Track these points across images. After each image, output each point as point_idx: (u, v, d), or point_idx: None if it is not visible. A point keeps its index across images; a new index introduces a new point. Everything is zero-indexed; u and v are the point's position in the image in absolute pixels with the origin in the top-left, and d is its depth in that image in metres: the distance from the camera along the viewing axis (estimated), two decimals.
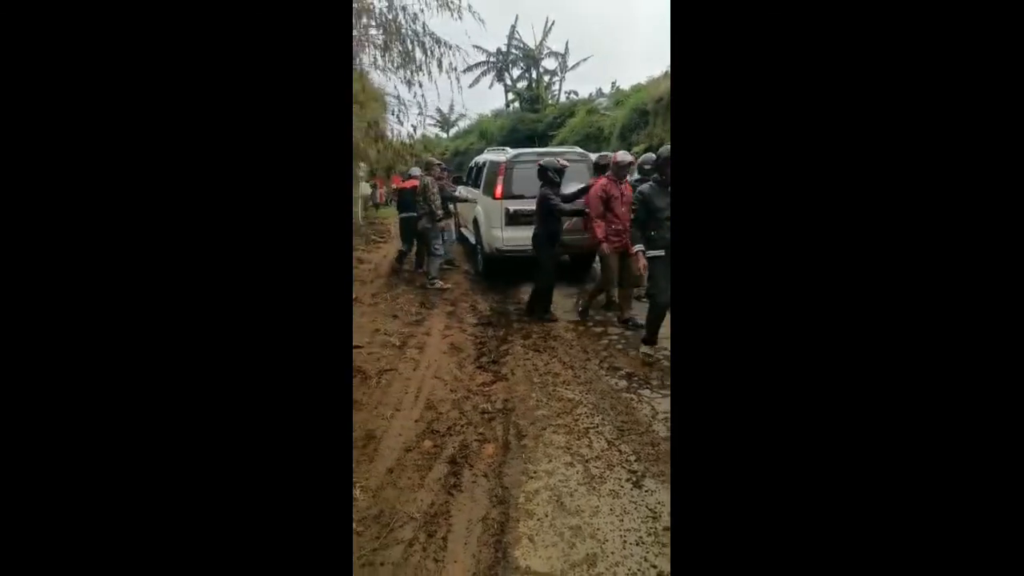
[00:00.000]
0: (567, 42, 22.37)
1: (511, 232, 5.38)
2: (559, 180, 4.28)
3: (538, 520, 1.93)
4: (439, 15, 5.40)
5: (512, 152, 5.78)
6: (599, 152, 5.87)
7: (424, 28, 5.33)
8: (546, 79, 21.87)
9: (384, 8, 5.23)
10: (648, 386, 3.03)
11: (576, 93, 21.27)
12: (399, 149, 7.02)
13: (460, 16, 5.15)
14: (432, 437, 2.56)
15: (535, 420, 2.68)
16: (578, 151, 6.10)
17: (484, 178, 5.98)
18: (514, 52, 21.79)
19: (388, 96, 7.05)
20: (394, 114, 6.67)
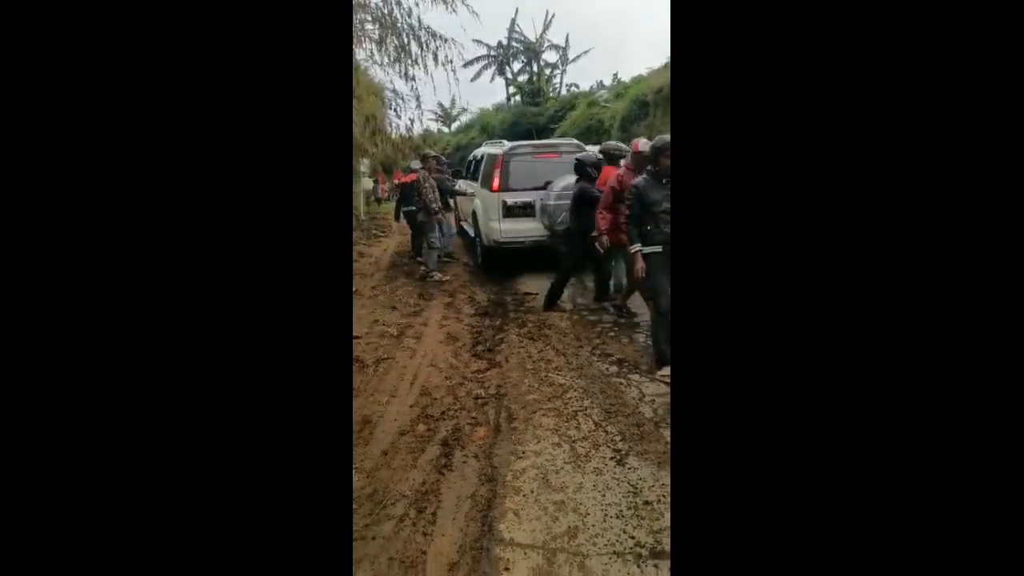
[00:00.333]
0: (567, 35, 22.38)
1: (508, 224, 5.44)
2: (596, 175, 4.25)
3: (524, 496, 2.00)
4: (434, 8, 5.46)
5: (509, 145, 5.83)
6: (599, 144, 5.90)
7: (419, 22, 5.40)
8: (547, 72, 21.84)
9: (379, 2, 5.29)
10: (637, 370, 3.10)
11: (577, 86, 21.29)
12: (397, 143, 7.10)
13: (455, 10, 5.21)
14: (426, 421, 2.64)
15: (526, 404, 2.76)
16: (575, 143, 6.14)
17: (482, 171, 6.04)
18: (515, 45, 21.77)
19: (386, 90, 7.13)
20: (392, 108, 6.75)
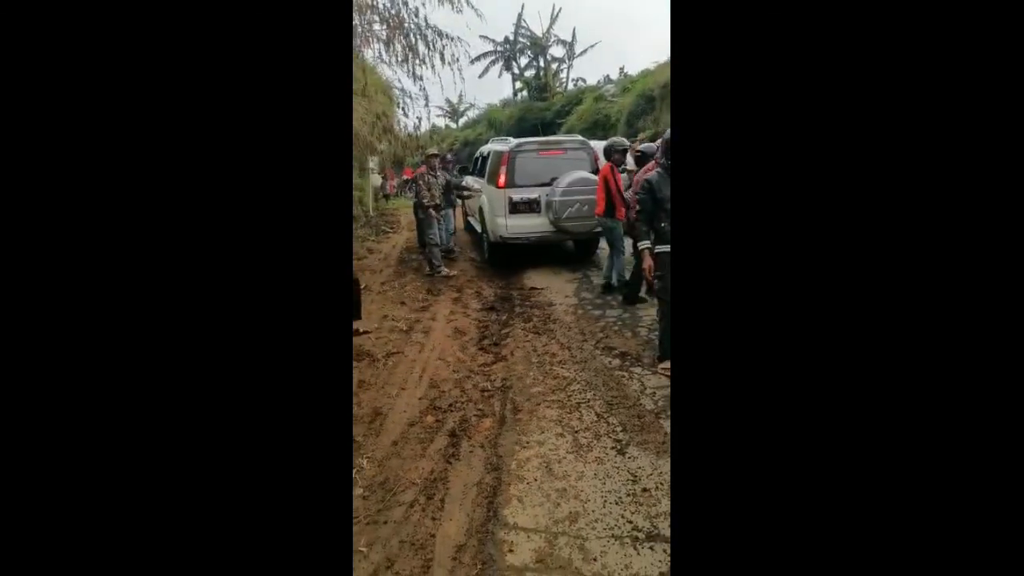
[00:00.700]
0: (574, 29, 22.26)
1: (514, 220, 5.52)
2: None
3: (527, 484, 2.09)
4: (440, 8, 5.53)
5: (515, 142, 5.89)
6: (604, 138, 5.95)
7: (426, 21, 5.48)
8: (553, 67, 21.80)
9: (387, 3, 5.37)
10: (640, 364, 3.17)
11: (584, 80, 21.27)
12: (406, 141, 7.20)
13: (460, 9, 5.28)
14: (434, 413, 2.74)
15: (531, 396, 2.84)
16: (579, 139, 6.19)
17: (488, 168, 6.11)
18: (521, 41, 21.74)
19: (394, 89, 7.22)
20: (400, 107, 6.85)
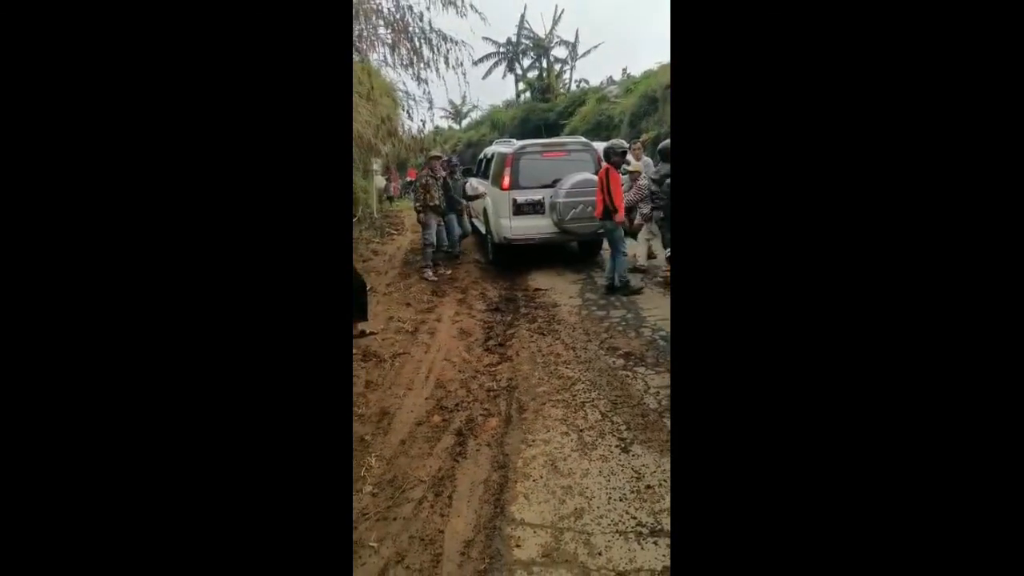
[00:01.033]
0: (577, 30, 22.32)
1: (518, 222, 5.57)
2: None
3: (533, 481, 2.14)
4: (445, 13, 5.59)
5: (518, 144, 5.94)
6: (608, 139, 5.99)
7: (430, 25, 5.54)
8: (556, 68, 21.83)
9: (391, 8, 5.44)
10: (643, 364, 3.21)
11: (587, 81, 21.27)
12: (410, 144, 7.27)
13: (465, 14, 5.33)
14: (441, 412, 2.79)
15: (536, 396, 2.89)
16: (582, 140, 6.23)
17: (492, 170, 6.16)
18: (524, 42, 21.79)
19: (399, 92, 7.29)
20: (404, 110, 6.92)
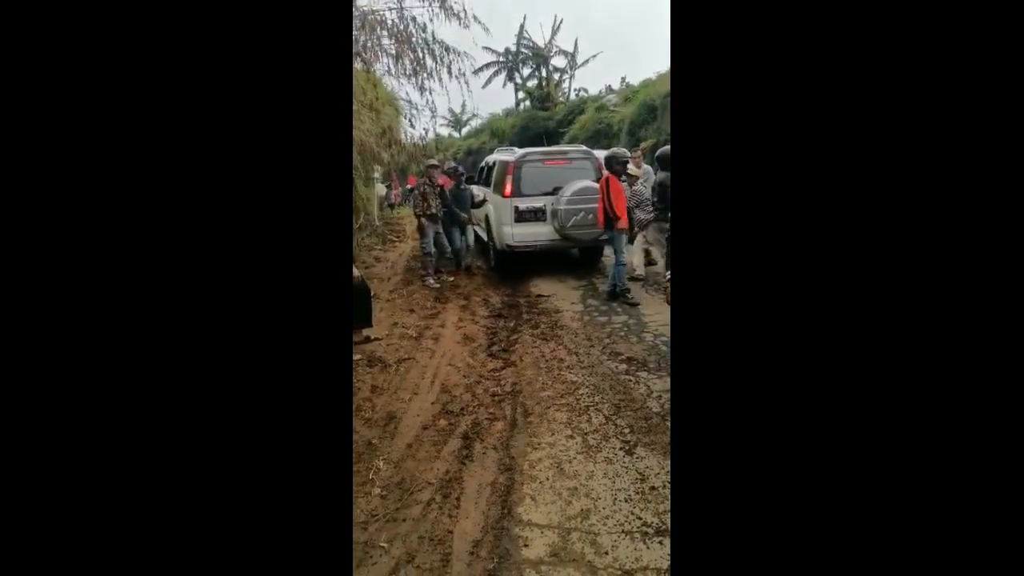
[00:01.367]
0: (576, 40, 22.43)
1: (520, 229, 5.63)
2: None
3: (540, 483, 2.18)
4: (448, 23, 5.68)
5: (520, 152, 6.01)
6: (608, 147, 6.05)
7: (433, 36, 5.63)
8: (556, 77, 22.01)
9: (395, 19, 5.53)
10: (645, 368, 3.26)
11: (586, 90, 21.41)
12: (412, 152, 7.35)
13: (468, 25, 5.42)
14: (447, 417, 2.83)
15: (540, 400, 2.93)
16: (583, 149, 6.31)
17: (494, 177, 6.23)
18: (524, 51, 21.98)
19: (401, 101, 7.38)
20: (407, 118, 7.00)
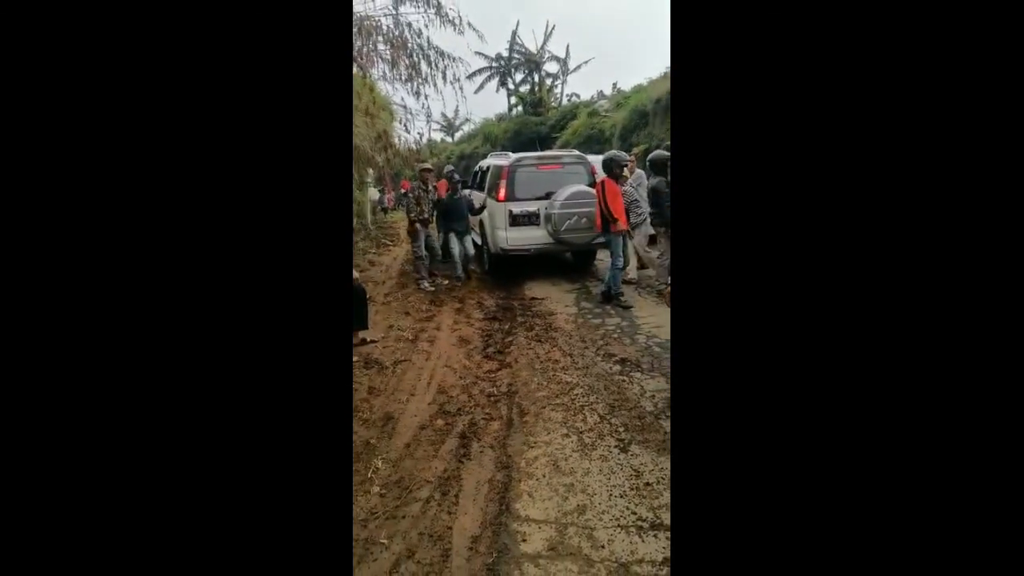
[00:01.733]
0: (568, 45, 22.70)
1: (515, 232, 5.68)
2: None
3: (536, 480, 2.22)
4: (443, 30, 5.75)
5: (514, 156, 6.08)
6: (600, 152, 6.13)
7: (428, 42, 5.69)
8: (548, 82, 22.17)
9: (391, 25, 5.59)
10: (639, 369, 3.32)
11: (578, 95, 21.65)
12: (406, 156, 7.40)
13: (463, 31, 5.49)
14: (444, 417, 2.86)
15: (536, 400, 2.98)
16: (576, 153, 6.39)
17: (488, 182, 6.28)
18: (516, 57, 22.13)
19: (396, 106, 7.44)
20: (401, 123, 7.06)
